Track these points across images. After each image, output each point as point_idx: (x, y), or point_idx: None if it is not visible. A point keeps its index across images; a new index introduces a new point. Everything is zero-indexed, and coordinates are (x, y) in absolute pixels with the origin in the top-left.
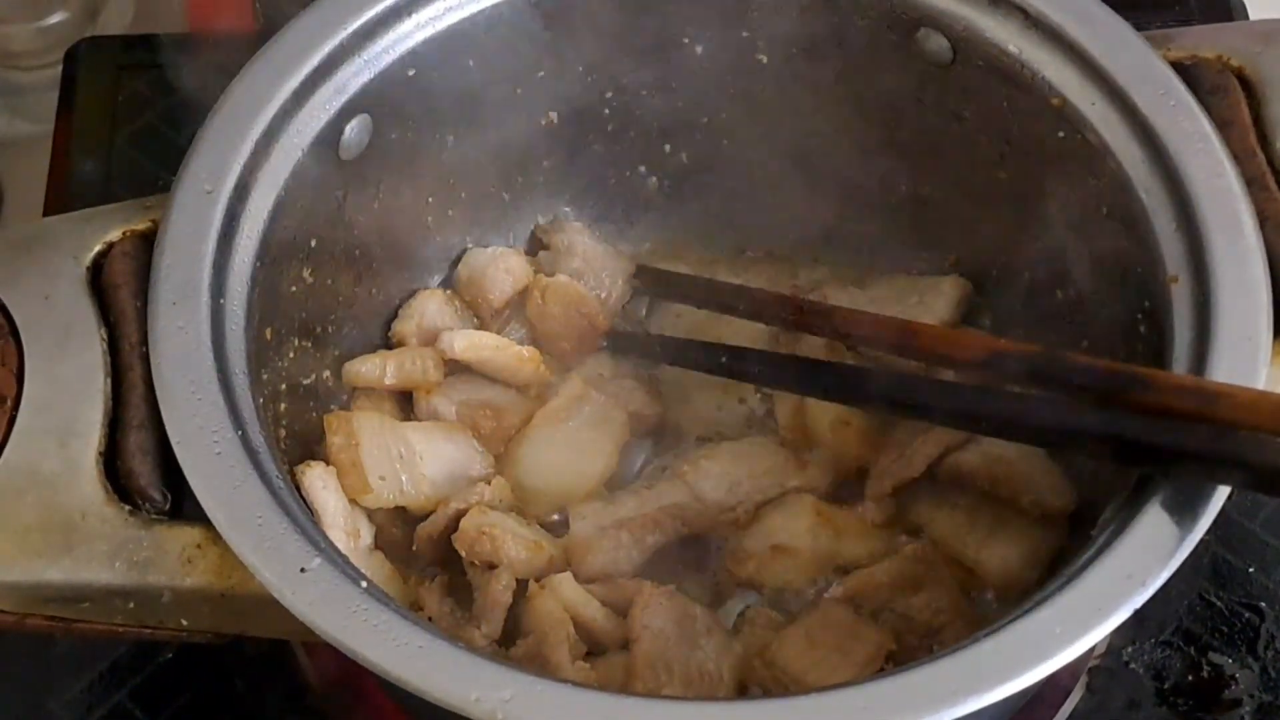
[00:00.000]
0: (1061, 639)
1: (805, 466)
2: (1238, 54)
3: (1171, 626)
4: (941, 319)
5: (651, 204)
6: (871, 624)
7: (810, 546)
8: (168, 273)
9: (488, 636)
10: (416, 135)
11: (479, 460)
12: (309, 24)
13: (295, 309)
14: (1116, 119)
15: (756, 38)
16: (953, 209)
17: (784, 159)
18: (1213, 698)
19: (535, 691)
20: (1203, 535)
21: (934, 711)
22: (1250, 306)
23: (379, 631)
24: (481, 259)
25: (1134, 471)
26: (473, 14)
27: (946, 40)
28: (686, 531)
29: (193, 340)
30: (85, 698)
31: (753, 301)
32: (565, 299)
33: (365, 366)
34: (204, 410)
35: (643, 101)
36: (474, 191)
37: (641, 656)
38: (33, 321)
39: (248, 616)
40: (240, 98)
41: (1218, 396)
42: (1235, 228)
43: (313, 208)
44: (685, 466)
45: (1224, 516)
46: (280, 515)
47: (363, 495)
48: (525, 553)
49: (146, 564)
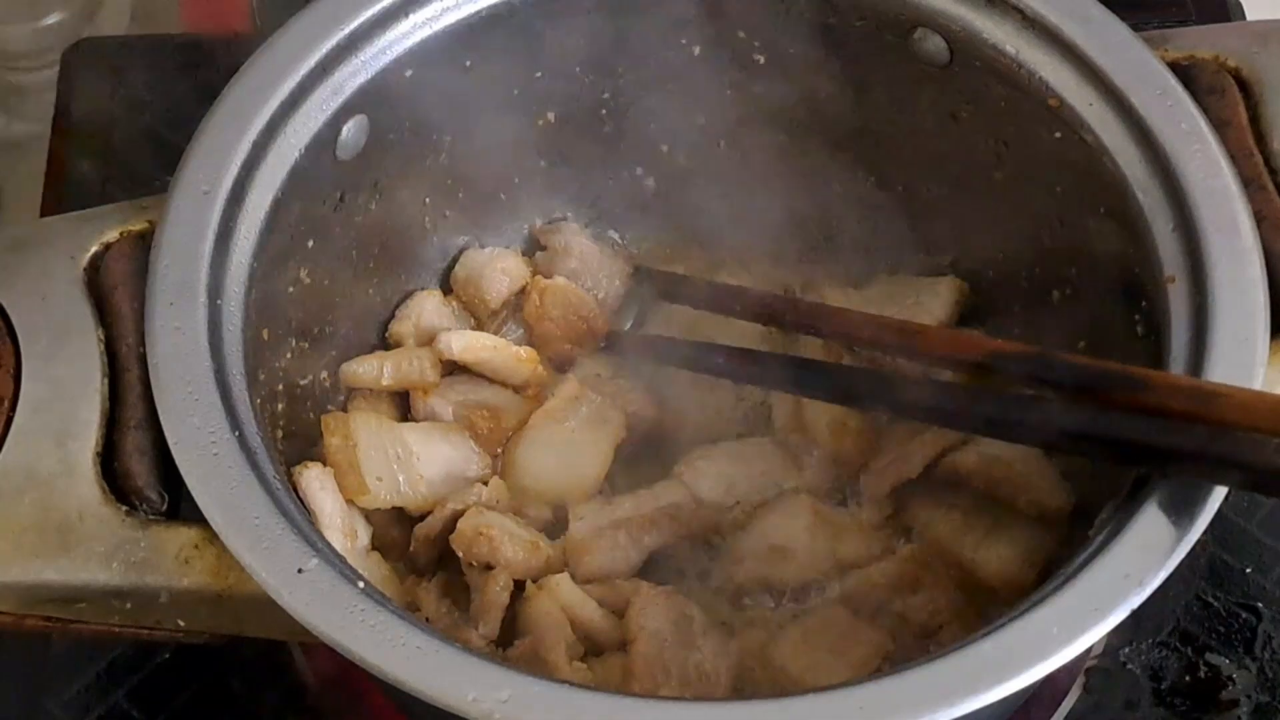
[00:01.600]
0: (1059, 639)
1: (803, 467)
2: (1235, 54)
3: (1169, 627)
4: (938, 320)
5: (649, 205)
6: (869, 624)
7: (808, 547)
8: (165, 273)
9: (485, 637)
10: (414, 136)
11: (476, 461)
12: (306, 25)
13: (292, 310)
14: (1113, 119)
15: (753, 39)
16: (950, 210)
17: (780, 159)
18: (1210, 698)
19: (532, 692)
20: (1200, 536)
21: (931, 712)
22: (1247, 307)
23: (376, 632)
24: (479, 260)
25: (1131, 472)
26: (470, 15)
27: (943, 41)
28: (684, 532)
29: (190, 341)
30: (83, 698)
31: (750, 302)
32: (563, 301)
33: (362, 367)
34: (201, 411)
35: (640, 103)
36: (471, 192)
37: (639, 657)
38: (30, 322)
39: (245, 617)
40: (237, 98)
41: (1215, 397)
42: (1232, 228)
43: (310, 208)
44: (682, 467)
45: (1221, 517)
46: (277, 516)
47: (360, 496)
48: (522, 553)
49: (143, 564)
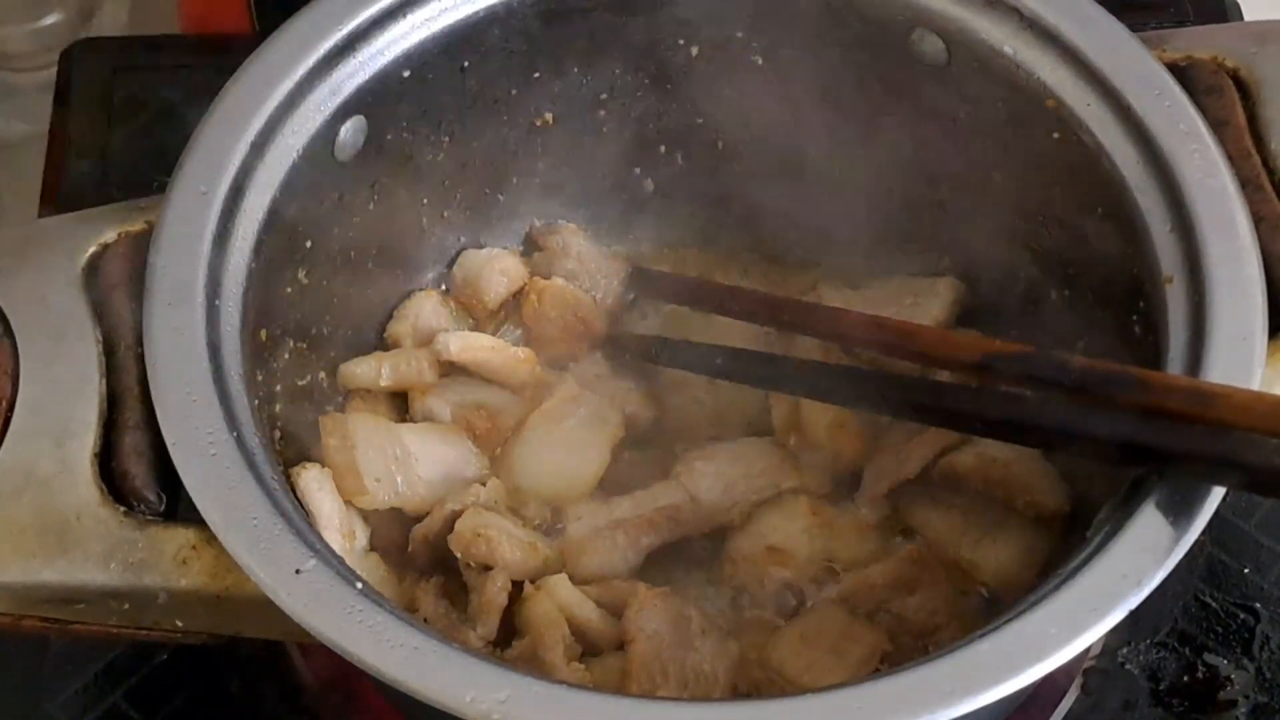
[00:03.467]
0: (1057, 640)
1: (801, 468)
2: (1233, 55)
3: (1167, 627)
4: (936, 320)
5: (647, 206)
6: (867, 625)
7: (805, 547)
8: (163, 274)
9: (483, 638)
10: (412, 137)
11: (474, 461)
12: (304, 25)
13: (290, 310)
14: (1111, 120)
15: (751, 39)
16: (947, 210)
17: (778, 161)
18: (1208, 699)
19: (530, 692)
20: (1198, 536)
21: (929, 712)
22: (1245, 307)
23: (374, 632)
24: (477, 260)
25: (1129, 472)
26: (468, 15)
27: (941, 41)
28: (682, 532)
29: (188, 342)
30: (80, 699)
31: (748, 303)
32: (561, 302)
33: (361, 368)
34: (199, 412)
35: (638, 103)
36: (469, 193)
37: (637, 658)
38: (28, 323)
39: (243, 618)
40: (235, 99)
41: (1213, 397)
42: (1230, 229)
43: (308, 209)
44: (681, 468)
45: (1219, 517)
46: (275, 517)
47: (358, 497)
48: (520, 554)
49: (142, 565)
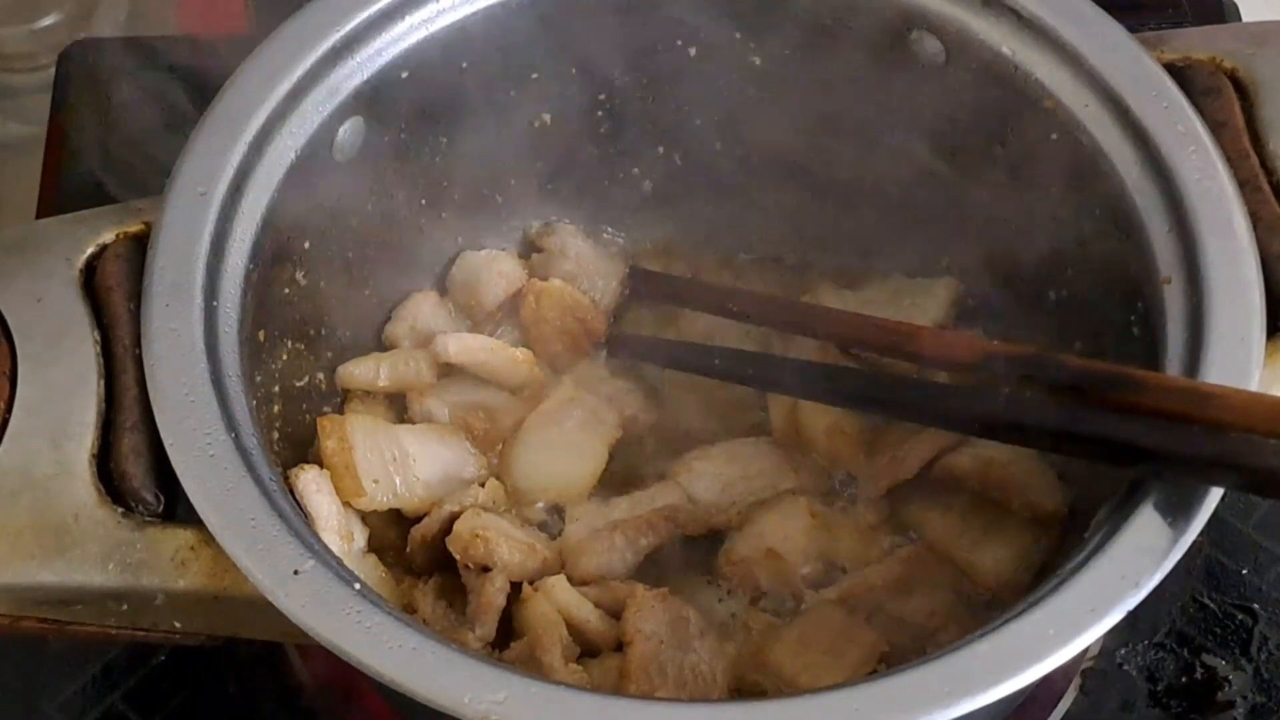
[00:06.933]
0: (1055, 641)
1: (799, 468)
2: (1231, 56)
3: (1165, 628)
4: (934, 321)
5: (645, 206)
6: (865, 626)
7: (803, 548)
8: (161, 275)
9: (481, 639)
10: (410, 137)
11: (472, 462)
12: (302, 26)
13: (289, 311)
14: (1109, 121)
15: (749, 40)
16: (945, 211)
17: (777, 161)
18: (1206, 700)
19: (528, 693)
20: (1196, 537)
21: (927, 713)
22: (1243, 308)
23: (372, 634)
24: (475, 261)
25: (1127, 473)
26: (466, 16)
27: (939, 42)
28: (680, 533)
29: (186, 342)
30: (78, 700)
31: (746, 304)
32: (559, 303)
33: (359, 369)
34: (197, 412)
35: (636, 104)
36: (467, 194)
37: (635, 659)
38: (25, 324)
39: (241, 619)
40: (233, 100)
41: (1210, 398)
42: (1228, 230)
43: (306, 210)
44: (679, 468)
45: (1217, 518)
46: (273, 518)
47: (356, 498)
48: (519, 555)
49: (139, 566)
